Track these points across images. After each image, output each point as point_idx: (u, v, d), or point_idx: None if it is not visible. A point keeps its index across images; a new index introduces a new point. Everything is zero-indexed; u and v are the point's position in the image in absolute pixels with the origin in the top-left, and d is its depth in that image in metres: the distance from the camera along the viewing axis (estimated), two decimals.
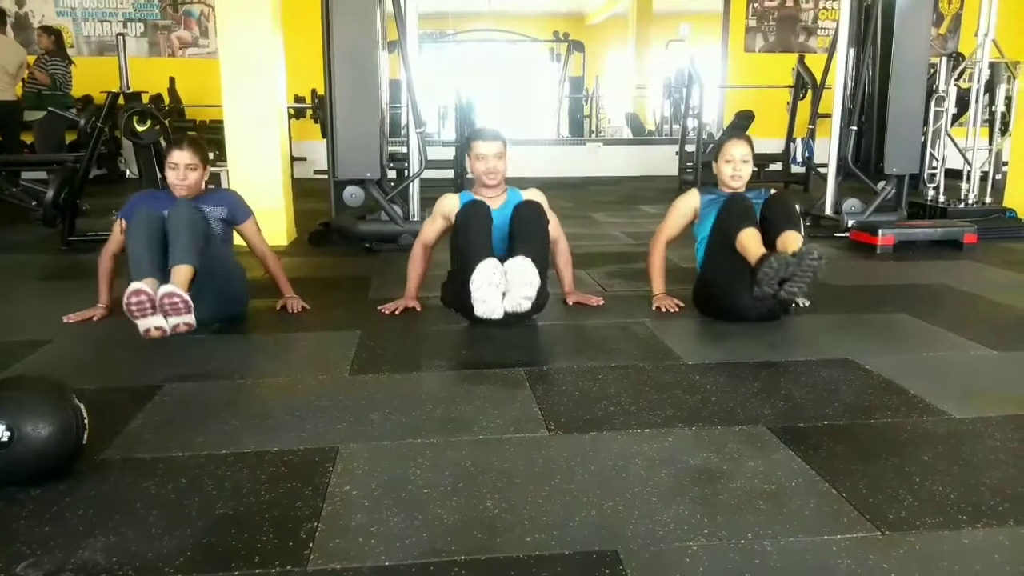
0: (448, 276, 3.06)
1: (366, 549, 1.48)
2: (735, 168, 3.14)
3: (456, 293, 2.94)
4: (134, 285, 2.57)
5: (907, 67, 5.12)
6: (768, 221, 2.89)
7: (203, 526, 1.56)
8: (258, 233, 3.24)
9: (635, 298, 3.42)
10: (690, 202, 3.27)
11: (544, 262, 2.91)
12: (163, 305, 2.57)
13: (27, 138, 8.58)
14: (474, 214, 2.89)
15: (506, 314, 2.76)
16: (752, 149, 3.19)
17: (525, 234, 2.90)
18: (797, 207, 3.04)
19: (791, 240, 2.79)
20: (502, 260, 2.76)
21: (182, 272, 2.67)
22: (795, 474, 1.78)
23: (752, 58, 10.06)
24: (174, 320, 2.60)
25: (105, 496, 1.69)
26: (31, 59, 7.66)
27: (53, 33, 7.51)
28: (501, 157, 3.05)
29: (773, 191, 3.17)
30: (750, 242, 2.78)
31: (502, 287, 2.72)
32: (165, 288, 2.57)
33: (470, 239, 2.84)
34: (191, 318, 2.62)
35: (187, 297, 2.59)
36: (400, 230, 4.68)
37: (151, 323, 2.59)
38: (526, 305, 2.75)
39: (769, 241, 2.82)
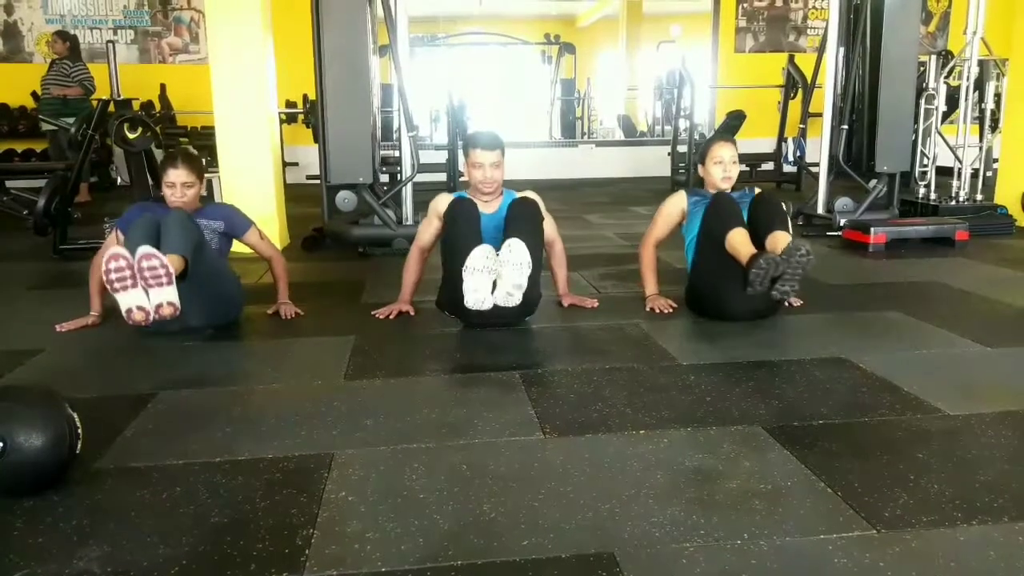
0: (443, 280, 3.05)
1: (362, 555, 1.48)
2: (726, 169, 3.16)
3: (449, 294, 2.93)
4: (113, 249, 2.51)
5: (897, 65, 5.14)
6: (756, 221, 2.90)
7: (198, 534, 1.56)
8: (262, 240, 3.25)
9: (629, 299, 3.42)
10: (677, 203, 3.29)
11: (536, 251, 2.90)
12: (141, 271, 2.49)
13: (24, 146, 8.58)
14: (461, 210, 2.90)
15: (496, 308, 2.76)
16: (737, 150, 3.22)
17: (519, 222, 2.89)
18: (784, 206, 3.06)
19: (780, 240, 2.79)
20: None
21: (171, 258, 2.63)
22: (790, 473, 1.79)
23: (742, 58, 10.09)
24: (156, 295, 2.54)
25: (99, 505, 1.69)
26: (43, 67, 7.58)
27: (68, 39, 7.34)
28: (498, 166, 3.03)
29: (758, 190, 3.20)
30: (740, 243, 2.79)
31: (494, 273, 2.71)
32: (143, 249, 2.49)
33: (460, 232, 2.85)
34: (173, 294, 2.55)
35: (166, 262, 2.52)
36: (393, 234, 4.67)
37: (132, 300, 2.52)
38: (516, 296, 2.74)
39: (758, 241, 2.82)
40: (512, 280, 2.72)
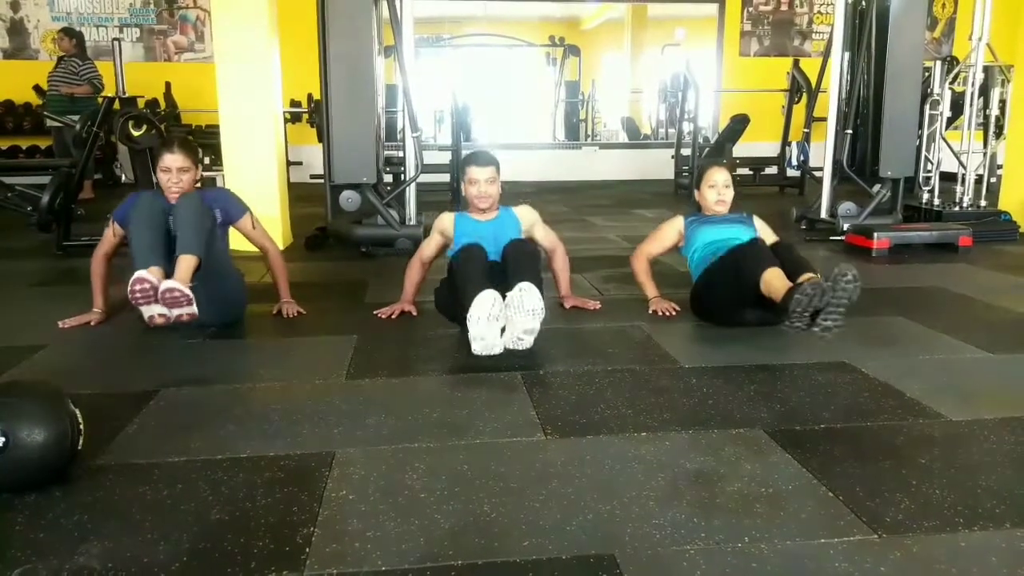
0: (441, 283, 3.05)
1: (363, 554, 1.48)
2: (719, 193, 3.22)
3: (449, 302, 2.92)
4: (139, 273, 2.62)
5: (902, 71, 5.14)
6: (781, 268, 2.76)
7: (199, 531, 1.56)
8: (256, 229, 3.21)
9: (631, 302, 3.42)
10: (674, 227, 3.34)
11: (540, 287, 2.77)
12: (164, 298, 2.62)
13: (28, 143, 8.60)
14: (470, 256, 2.81)
15: (506, 350, 2.63)
16: (731, 175, 3.26)
17: (520, 263, 2.80)
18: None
19: (813, 279, 2.64)
20: (500, 289, 2.63)
21: (186, 262, 2.70)
22: (792, 477, 1.78)
23: (747, 62, 10.09)
24: (176, 311, 2.65)
25: (100, 502, 1.69)
26: (49, 64, 7.60)
27: (75, 36, 7.37)
28: (493, 182, 3.08)
29: (755, 216, 3.27)
30: (777, 279, 2.66)
31: (502, 320, 2.59)
32: (166, 284, 2.62)
33: (467, 278, 2.73)
34: (193, 308, 2.66)
35: (187, 291, 2.64)
36: (396, 234, 4.68)
37: (155, 310, 2.65)
38: (528, 341, 2.61)
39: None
40: (524, 326, 2.58)
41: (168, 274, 2.69)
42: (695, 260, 3.20)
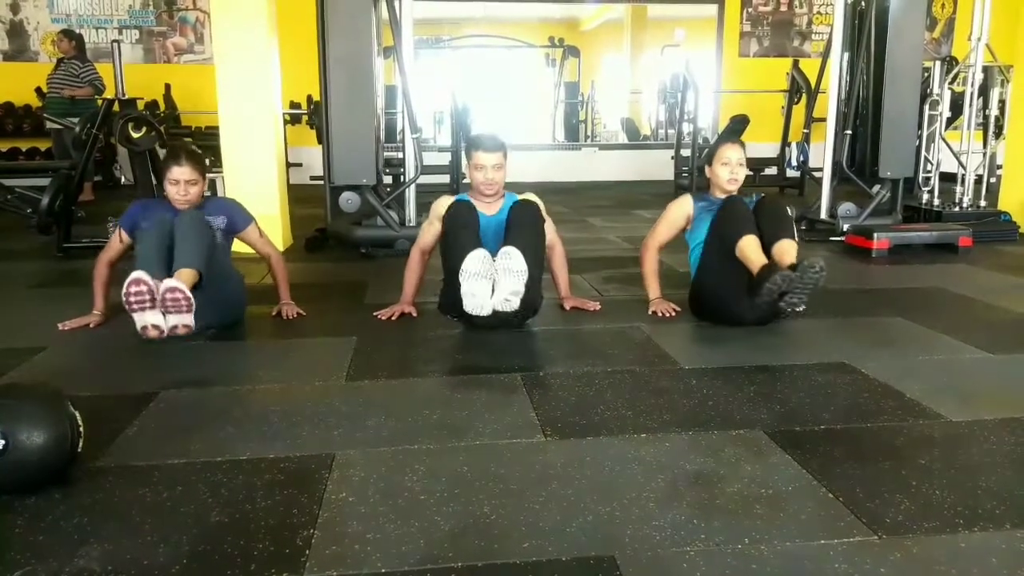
0: (444, 282, 3.05)
1: (363, 556, 1.48)
2: (732, 171, 3.14)
3: (451, 297, 2.93)
4: (135, 274, 2.56)
5: (901, 71, 5.14)
6: (761, 227, 2.90)
7: (198, 534, 1.56)
8: (261, 238, 3.24)
9: (631, 302, 3.42)
10: (683, 209, 3.27)
11: (537, 256, 2.91)
12: (164, 300, 2.56)
13: (28, 145, 8.60)
14: (461, 213, 2.91)
15: (495, 313, 2.76)
16: (745, 153, 3.20)
17: (518, 227, 2.90)
18: (789, 210, 3.06)
19: (787, 249, 2.82)
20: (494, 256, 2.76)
21: (186, 274, 2.68)
22: (792, 478, 1.78)
23: (747, 63, 10.09)
24: (173, 319, 2.59)
25: (100, 504, 1.69)
26: (49, 66, 7.60)
27: (75, 37, 7.36)
28: (500, 168, 3.03)
29: (764, 195, 3.18)
30: (751, 250, 2.81)
31: (491, 277, 2.72)
32: (169, 282, 2.56)
33: (457, 236, 2.85)
34: (190, 319, 2.61)
35: (189, 294, 2.58)
36: (396, 235, 4.68)
37: (148, 319, 2.58)
38: (514, 302, 2.75)
39: (764, 247, 2.83)
40: (509, 287, 2.73)
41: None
42: (698, 250, 3.16)
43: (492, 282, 2.73)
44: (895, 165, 5.22)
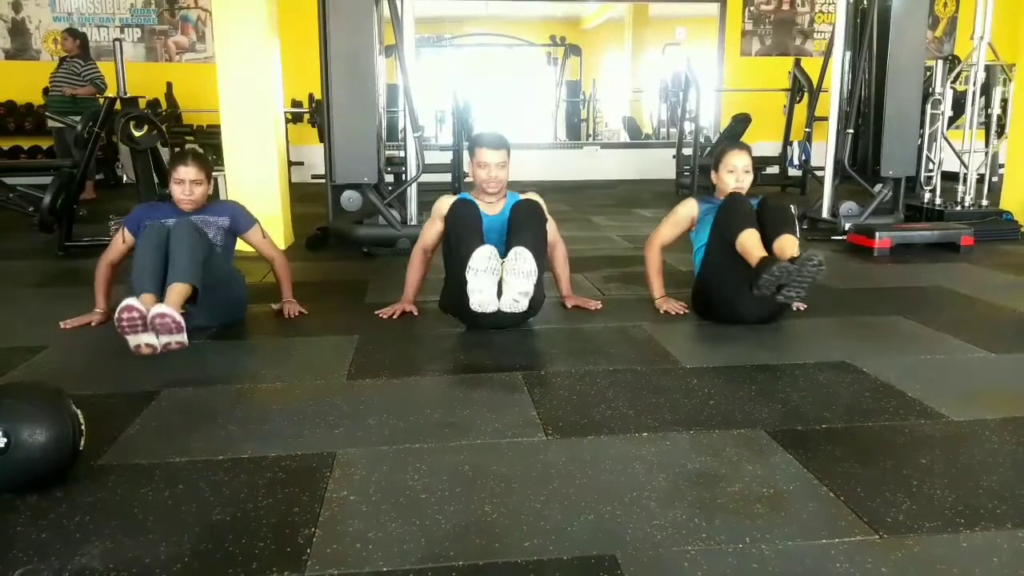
0: (445, 282, 3.05)
1: (364, 555, 1.48)
2: (738, 179, 3.16)
3: (452, 297, 2.93)
4: (127, 301, 2.57)
5: (903, 70, 5.13)
6: (763, 225, 2.90)
7: (200, 532, 1.56)
8: (264, 240, 3.24)
9: (633, 301, 3.42)
10: (688, 211, 3.29)
11: (541, 255, 2.90)
12: (154, 324, 2.57)
13: (30, 143, 8.60)
14: (462, 212, 2.90)
15: (501, 313, 2.75)
16: (752, 159, 3.22)
17: (522, 227, 2.89)
18: (792, 208, 3.06)
19: (788, 244, 2.81)
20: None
21: (177, 291, 2.68)
22: (793, 478, 1.78)
23: (749, 61, 10.08)
24: (165, 339, 2.61)
25: (102, 502, 1.69)
26: (51, 64, 7.61)
27: (79, 36, 7.37)
28: (504, 166, 3.03)
29: (766, 196, 3.20)
30: (751, 244, 2.81)
31: (499, 274, 2.70)
32: (157, 309, 2.58)
33: (461, 235, 2.84)
34: (183, 337, 2.62)
35: (178, 318, 2.59)
36: (397, 234, 4.68)
37: (141, 340, 2.60)
38: (523, 303, 2.73)
39: (766, 244, 2.83)
40: (518, 288, 2.71)
41: (161, 300, 2.65)
42: (700, 253, 3.18)
43: (499, 280, 2.71)
44: (897, 164, 5.21)
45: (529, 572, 1.42)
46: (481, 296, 2.70)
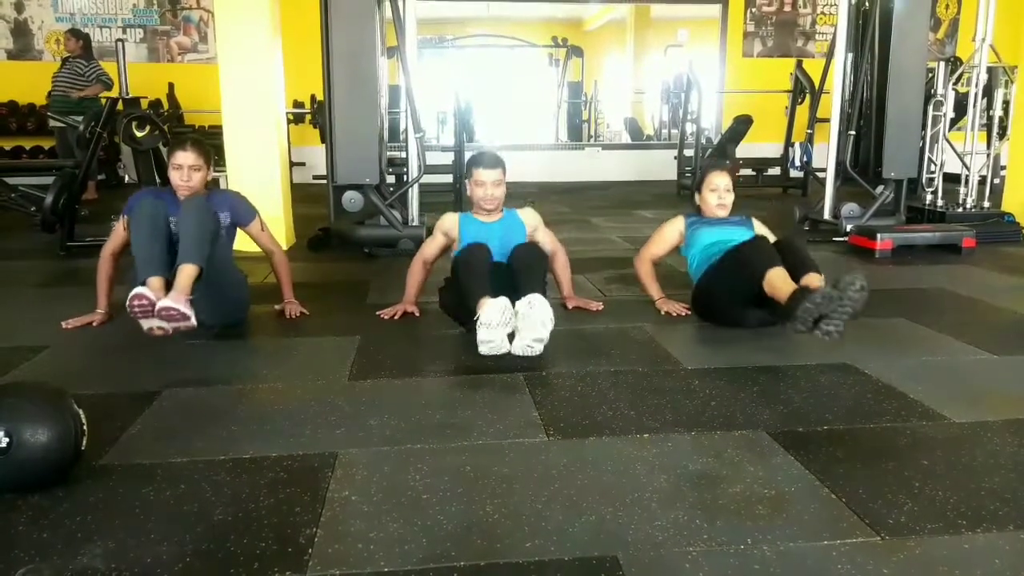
0: (445, 283, 3.05)
1: (365, 555, 1.48)
2: (720, 197, 3.23)
3: (453, 299, 2.93)
4: (137, 290, 2.59)
5: (905, 72, 5.13)
6: (784, 265, 2.79)
7: (202, 532, 1.56)
8: (263, 232, 3.24)
9: (634, 303, 3.42)
10: (675, 227, 3.34)
11: (545, 293, 2.84)
12: (160, 316, 2.59)
13: (32, 143, 8.61)
14: (473, 257, 2.81)
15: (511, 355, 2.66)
16: (732, 179, 3.29)
17: (530, 271, 2.83)
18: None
19: (814, 283, 2.70)
20: (504, 286, 2.70)
21: (187, 272, 2.68)
22: (795, 479, 1.78)
23: (750, 63, 10.08)
24: (174, 325, 2.63)
25: (104, 502, 1.69)
26: (53, 65, 7.61)
27: (82, 37, 7.39)
28: (499, 184, 3.08)
29: (754, 219, 3.29)
30: (782, 279, 2.69)
31: (511, 326, 2.61)
32: (163, 303, 2.59)
33: (471, 279, 2.75)
34: (191, 322, 2.63)
35: (184, 309, 2.59)
36: (399, 235, 4.68)
37: (153, 323, 2.63)
38: (537, 349, 2.63)
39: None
40: (534, 335, 2.61)
41: (169, 283, 2.66)
42: (695, 262, 3.21)
43: (511, 329, 2.62)
44: (899, 166, 5.21)
45: (530, 573, 1.42)
46: (491, 345, 2.61)
